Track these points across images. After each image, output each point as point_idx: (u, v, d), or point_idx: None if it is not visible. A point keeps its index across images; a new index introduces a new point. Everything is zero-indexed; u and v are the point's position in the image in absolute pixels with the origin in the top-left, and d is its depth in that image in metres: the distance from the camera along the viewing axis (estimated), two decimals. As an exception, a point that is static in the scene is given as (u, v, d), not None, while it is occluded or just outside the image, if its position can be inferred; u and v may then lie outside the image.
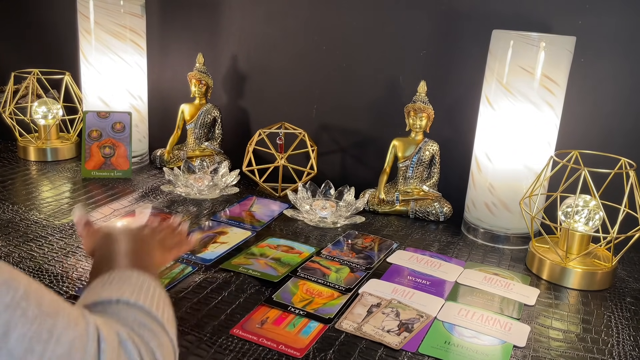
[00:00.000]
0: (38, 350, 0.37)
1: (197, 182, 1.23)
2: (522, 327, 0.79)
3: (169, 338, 0.54)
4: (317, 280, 0.88)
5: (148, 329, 0.52)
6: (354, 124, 1.37)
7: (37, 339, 0.37)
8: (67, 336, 0.39)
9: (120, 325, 0.50)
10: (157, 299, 0.57)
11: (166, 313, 0.57)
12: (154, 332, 0.52)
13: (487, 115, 1.08)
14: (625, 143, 1.11)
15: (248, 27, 1.43)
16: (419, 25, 1.24)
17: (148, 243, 0.71)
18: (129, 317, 0.52)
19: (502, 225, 1.09)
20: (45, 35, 1.70)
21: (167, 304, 0.60)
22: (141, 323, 0.52)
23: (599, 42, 1.10)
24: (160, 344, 0.52)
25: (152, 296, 0.57)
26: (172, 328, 0.57)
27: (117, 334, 0.47)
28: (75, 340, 0.40)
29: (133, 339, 0.48)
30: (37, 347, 0.37)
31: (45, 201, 1.14)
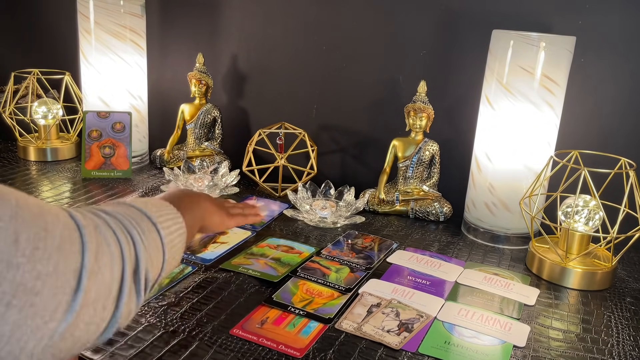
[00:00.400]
0: (41, 246, 0.43)
1: (197, 182, 1.23)
2: (522, 327, 0.79)
3: (159, 236, 0.59)
4: (317, 280, 0.88)
5: (133, 219, 0.57)
6: (354, 124, 1.37)
7: (38, 238, 0.43)
8: (56, 229, 0.45)
9: (101, 213, 0.55)
10: (164, 215, 0.62)
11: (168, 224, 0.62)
12: (139, 224, 0.57)
13: (487, 115, 1.08)
14: (625, 143, 1.11)
15: (248, 27, 1.43)
16: (419, 25, 1.24)
17: (198, 198, 0.76)
18: (120, 211, 0.57)
19: (502, 225, 1.09)
20: (45, 35, 1.70)
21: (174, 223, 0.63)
22: (128, 214, 0.57)
23: (599, 42, 1.10)
24: (143, 233, 0.56)
25: (159, 211, 0.62)
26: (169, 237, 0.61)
27: (91, 219, 0.52)
28: (64, 231, 0.46)
29: (107, 224, 0.53)
30: (40, 244, 0.43)
31: (46, 201, 1.14)
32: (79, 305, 0.46)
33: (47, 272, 0.43)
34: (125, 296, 0.52)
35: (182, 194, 0.75)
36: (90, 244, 0.48)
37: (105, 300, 0.49)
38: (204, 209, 0.77)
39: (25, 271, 0.41)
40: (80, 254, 0.47)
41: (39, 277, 0.42)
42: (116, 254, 0.51)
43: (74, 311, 0.45)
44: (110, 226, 0.53)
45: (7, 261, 0.40)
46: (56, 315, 0.44)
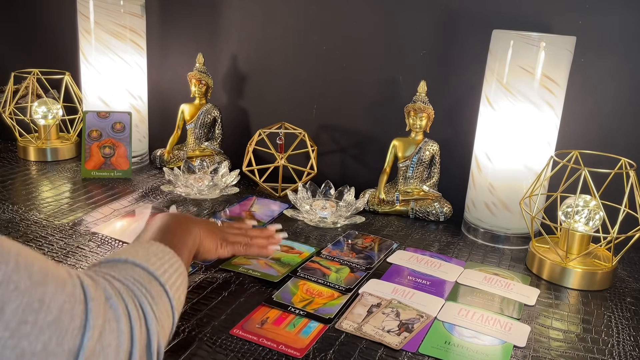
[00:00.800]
0: (31, 319, 0.38)
1: (197, 182, 1.23)
2: (522, 327, 0.79)
3: (168, 300, 0.56)
4: (317, 280, 0.88)
5: (143, 287, 0.53)
6: (354, 124, 1.37)
7: (30, 310, 0.38)
8: (56, 301, 0.41)
9: (113, 281, 0.51)
10: (167, 266, 0.60)
11: (173, 279, 0.59)
12: (149, 291, 0.53)
13: (487, 115, 1.08)
14: (626, 143, 1.11)
15: (248, 27, 1.43)
16: (419, 25, 1.24)
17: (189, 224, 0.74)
18: (128, 274, 0.54)
19: (502, 225, 1.09)
20: (45, 35, 1.70)
21: (179, 274, 0.61)
22: (137, 281, 0.53)
23: (599, 42, 1.10)
24: (154, 302, 0.53)
25: (164, 263, 0.59)
26: (176, 294, 0.59)
27: (103, 290, 0.47)
28: (65, 304, 0.41)
29: (120, 295, 0.49)
30: (30, 317, 0.38)
31: (45, 201, 1.14)
32: None
33: (33, 351, 0.38)
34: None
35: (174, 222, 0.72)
36: (95, 320, 0.43)
37: None
38: (194, 235, 0.74)
39: (5, 347, 0.36)
40: (80, 331, 0.42)
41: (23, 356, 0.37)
42: (125, 333, 0.47)
43: None
44: (123, 299, 0.49)
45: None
46: None
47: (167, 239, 0.66)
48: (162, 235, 0.67)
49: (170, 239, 0.66)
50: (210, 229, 0.79)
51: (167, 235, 0.67)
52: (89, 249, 0.94)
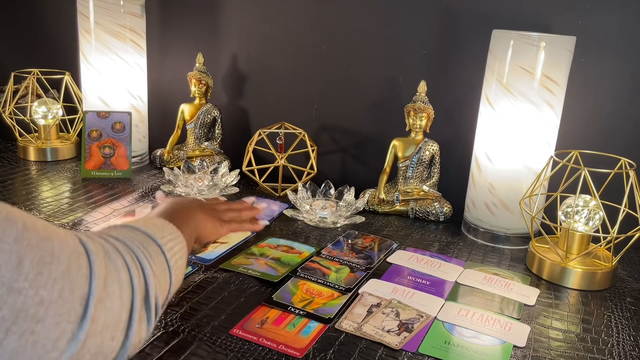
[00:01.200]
0: (46, 271, 0.42)
1: (197, 182, 1.23)
2: (522, 327, 0.79)
3: (165, 259, 0.59)
4: (317, 280, 0.88)
5: (140, 244, 0.56)
6: (354, 124, 1.37)
7: (43, 262, 0.42)
8: (64, 254, 0.44)
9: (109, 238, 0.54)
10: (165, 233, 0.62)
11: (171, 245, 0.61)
12: (146, 248, 0.56)
13: (487, 115, 1.08)
14: (626, 143, 1.11)
15: (248, 27, 1.43)
16: (419, 25, 1.24)
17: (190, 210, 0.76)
18: (126, 235, 0.56)
19: (502, 225, 1.09)
20: (45, 35, 1.70)
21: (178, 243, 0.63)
22: (135, 239, 0.56)
23: (599, 42, 1.10)
24: (151, 258, 0.56)
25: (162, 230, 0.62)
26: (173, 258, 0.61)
27: (101, 245, 0.50)
28: (71, 256, 0.45)
29: (117, 249, 0.52)
30: (45, 269, 0.42)
31: (45, 201, 1.14)
32: (84, 335, 0.44)
33: (51, 299, 0.41)
34: (135, 324, 0.50)
35: (175, 208, 0.74)
36: (98, 270, 0.47)
37: (114, 329, 0.47)
38: (197, 219, 0.76)
39: (27, 296, 0.40)
40: (87, 280, 0.45)
41: (42, 304, 0.41)
42: (125, 281, 0.50)
43: (79, 340, 0.43)
44: (120, 252, 0.52)
45: (9, 285, 0.39)
46: (59, 344, 0.42)
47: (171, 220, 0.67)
48: (166, 216, 0.69)
49: (174, 221, 0.67)
50: (209, 212, 0.81)
51: (169, 217, 0.69)
52: (89, 249, 0.94)
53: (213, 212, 0.83)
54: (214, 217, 0.81)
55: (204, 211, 0.80)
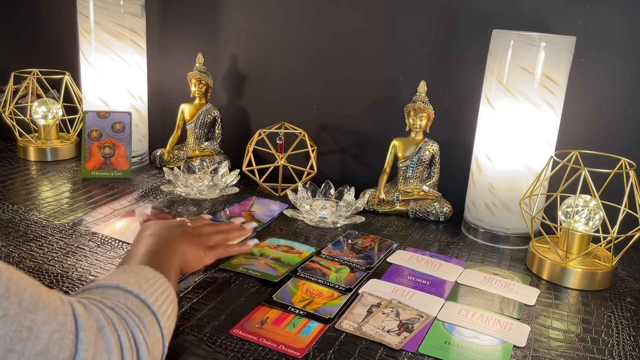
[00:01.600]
0: (18, 349, 0.37)
1: (197, 182, 1.23)
2: (522, 327, 0.79)
3: (159, 328, 0.56)
4: (317, 280, 0.88)
5: (136, 316, 0.53)
6: (354, 124, 1.37)
7: (18, 338, 0.37)
8: (45, 331, 0.39)
9: (106, 309, 0.50)
10: (159, 294, 0.59)
11: (165, 307, 0.59)
12: (142, 320, 0.53)
13: (487, 115, 1.08)
14: (626, 143, 1.11)
15: (248, 27, 1.43)
16: (419, 25, 1.24)
17: (174, 242, 0.74)
18: (120, 302, 0.53)
19: (502, 225, 1.09)
20: (45, 35, 1.70)
21: (170, 301, 0.61)
22: (130, 309, 0.53)
23: (599, 42, 1.10)
24: (146, 331, 0.53)
25: (155, 290, 0.59)
26: (167, 322, 0.59)
27: (96, 320, 0.47)
28: (54, 334, 0.40)
29: (113, 325, 0.48)
30: (18, 347, 0.37)
31: (45, 201, 1.14)
32: None
33: None
34: None
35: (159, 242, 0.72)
36: (86, 352, 0.42)
37: None
38: (181, 252, 0.74)
39: None
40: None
41: None
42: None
43: None
44: (116, 329, 0.49)
45: None
46: None
47: (155, 262, 0.66)
48: (150, 258, 0.67)
49: (158, 262, 0.66)
50: (192, 240, 0.79)
51: (154, 257, 0.67)
52: (89, 249, 0.94)
53: (197, 239, 0.81)
54: (198, 245, 0.79)
55: (188, 240, 0.78)
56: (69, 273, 0.85)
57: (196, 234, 0.82)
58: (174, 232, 0.77)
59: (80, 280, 0.83)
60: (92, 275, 0.85)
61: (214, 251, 0.83)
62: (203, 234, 0.84)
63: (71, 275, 0.85)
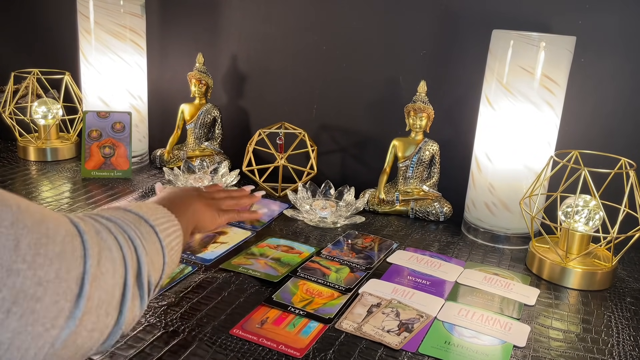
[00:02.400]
0: (42, 252, 0.43)
1: (197, 182, 1.23)
2: (522, 327, 0.79)
3: (158, 239, 0.60)
4: (317, 280, 0.88)
5: (132, 224, 0.57)
6: (354, 124, 1.37)
7: (40, 244, 0.43)
8: (59, 236, 0.45)
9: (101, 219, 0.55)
10: (159, 216, 0.63)
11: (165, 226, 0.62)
12: (138, 228, 0.57)
13: (487, 115, 1.08)
14: (626, 143, 1.11)
15: (248, 27, 1.43)
16: (419, 25, 1.24)
17: (188, 199, 0.78)
18: (119, 216, 0.57)
19: (502, 225, 1.09)
20: (45, 35, 1.70)
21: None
22: (127, 219, 0.57)
23: (599, 42, 1.10)
24: (143, 237, 0.57)
25: (155, 213, 0.63)
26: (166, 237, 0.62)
27: (92, 225, 0.51)
28: (66, 238, 0.46)
29: (109, 229, 0.53)
30: (41, 250, 0.43)
31: (45, 201, 1.14)
32: (81, 312, 0.45)
33: (49, 279, 0.43)
34: (128, 301, 0.51)
35: (173, 197, 0.76)
36: (92, 250, 0.48)
37: (108, 306, 0.49)
38: (194, 209, 0.78)
39: (26, 277, 0.41)
40: (82, 260, 0.46)
41: (40, 284, 0.42)
42: (118, 259, 0.51)
43: (76, 318, 0.45)
44: (111, 231, 0.53)
45: (8, 267, 0.40)
46: (58, 322, 0.43)
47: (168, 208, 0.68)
48: (165, 203, 0.70)
49: (172, 209, 0.68)
50: (207, 202, 0.83)
51: (168, 204, 0.70)
52: (89, 249, 0.94)
53: (211, 201, 0.85)
54: (211, 207, 0.83)
55: (201, 200, 0.81)
56: (69, 273, 0.85)
57: (209, 197, 0.86)
58: (189, 194, 0.81)
59: (80, 280, 0.83)
60: (92, 275, 0.85)
61: (226, 214, 0.87)
62: (216, 197, 0.88)
63: (71, 275, 0.84)
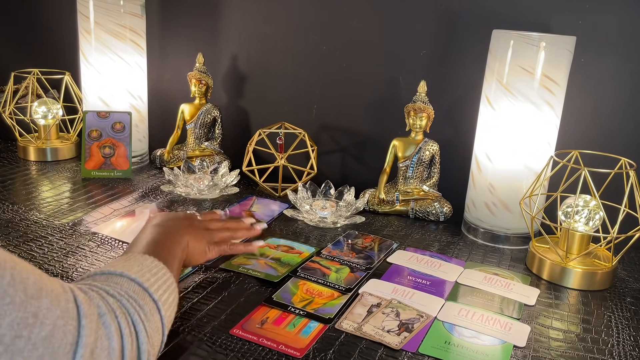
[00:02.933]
0: (25, 334, 0.38)
1: (197, 182, 1.23)
2: (522, 327, 0.79)
3: (159, 317, 0.57)
4: (317, 280, 0.88)
5: (137, 303, 0.54)
6: (354, 124, 1.37)
7: (25, 324, 0.38)
8: (50, 317, 0.40)
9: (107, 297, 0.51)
10: (161, 283, 0.61)
11: (166, 296, 0.60)
12: (142, 307, 0.54)
13: (487, 115, 1.08)
14: (625, 143, 1.11)
15: (248, 27, 1.43)
16: (419, 25, 1.24)
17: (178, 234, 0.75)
18: (123, 288, 0.54)
19: (502, 225, 1.09)
20: (45, 35, 1.70)
21: (172, 291, 0.63)
22: (132, 297, 0.54)
23: (599, 42, 1.10)
24: (146, 319, 0.54)
25: (157, 279, 0.60)
26: (168, 311, 0.60)
27: (97, 307, 0.47)
28: (58, 320, 0.41)
29: (114, 312, 0.49)
30: (25, 332, 0.38)
31: (45, 201, 1.14)
32: None
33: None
34: None
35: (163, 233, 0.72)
36: (87, 338, 0.43)
37: None
38: (184, 244, 0.75)
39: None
40: (72, 348, 0.42)
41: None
42: (117, 350, 0.47)
43: None
44: (116, 316, 0.49)
45: None
46: None
47: (158, 253, 0.67)
48: (153, 248, 0.68)
49: (161, 253, 0.67)
50: (197, 234, 0.79)
51: (158, 248, 0.68)
52: (89, 249, 0.94)
53: (203, 233, 0.81)
54: (202, 239, 0.80)
55: (193, 232, 0.78)
56: (69, 273, 0.85)
57: (203, 227, 0.83)
58: (180, 224, 0.78)
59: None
60: (92, 275, 0.85)
61: (217, 247, 0.83)
62: (209, 228, 0.84)
63: (71, 275, 0.85)
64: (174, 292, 0.64)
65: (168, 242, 0.72)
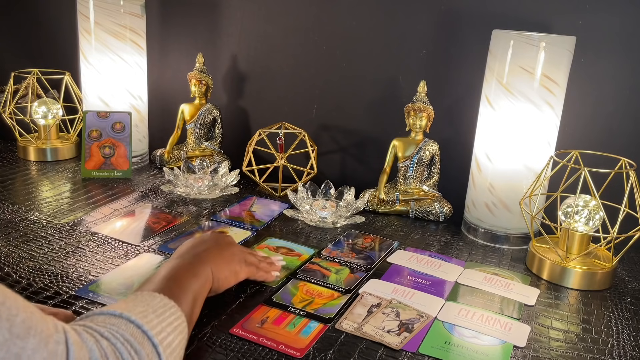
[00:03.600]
0: None
1: (197, 182, 1.23)
2: (522, 327, 0.79)
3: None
4: (317, 282, 0.88)
5: (132, 347, 0.51)
6: (354, 124, 1.37)
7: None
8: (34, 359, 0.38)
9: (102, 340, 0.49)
10: (165, 325, 0.57)
11: (170, 338, 0.56)
12: (138, 352, 0.51)
13: (487, 115, 1.08)
14: (625, 143, 1.11)
15: (248, 27, 1.43)
16: (419, 25, 1.24)
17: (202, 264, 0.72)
18: (119, 331, 0.51)
19: (502, 225, 1.09)
20: (46, 36, 1.70)
21: (178, 332, 0.58)
22: (127, 340, 0.51)
23: (599, 42, 1.10)
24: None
25: (162, 320, 0.57)
26: (172, 355, 0.56)
27: (89, 351, 0.45)
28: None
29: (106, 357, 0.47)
30: None
31: (45, 201, 1.14)
32: None
33: None
34: None
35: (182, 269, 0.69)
36: None
37: None
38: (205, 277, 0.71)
39: None
40: None
41: None
42: None
43: None
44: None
45: None
46: None
47: (171, 289, 0.64)
48: (167, 284, 0.65)
49: (175, 289, 0.64)
50: (224, 255, 0.76)
51: (171, 283, 0.65)
52: (89, 249, 0.94)
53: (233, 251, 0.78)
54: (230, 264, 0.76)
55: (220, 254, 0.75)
56: (69, 273, 0.85)
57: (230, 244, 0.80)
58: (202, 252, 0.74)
59: (80, 280, 0.83)
60: (92, 275, 0.85)
61: (248, 268, 0.80)
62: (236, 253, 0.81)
63: (71, 275, 0.85)
64: (182, 332, 0.60)
65: (184, 277, 0.68)
